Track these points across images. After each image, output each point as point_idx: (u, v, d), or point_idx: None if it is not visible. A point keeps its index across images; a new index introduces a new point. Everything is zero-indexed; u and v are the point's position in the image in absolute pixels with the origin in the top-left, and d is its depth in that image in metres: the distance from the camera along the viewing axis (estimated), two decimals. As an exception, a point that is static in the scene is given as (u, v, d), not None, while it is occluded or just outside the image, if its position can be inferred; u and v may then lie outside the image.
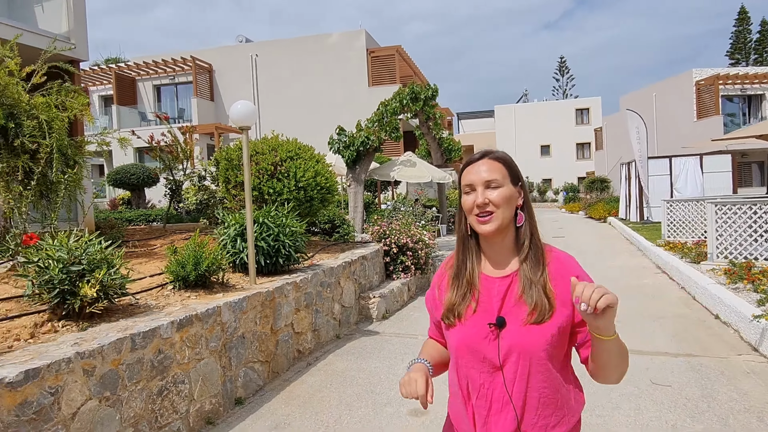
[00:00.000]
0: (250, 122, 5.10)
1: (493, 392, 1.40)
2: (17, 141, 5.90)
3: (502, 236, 1.44)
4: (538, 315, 1.35)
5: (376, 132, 11.23)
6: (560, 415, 1.41)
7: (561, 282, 1.39)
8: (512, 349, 1.37)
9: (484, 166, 1.43)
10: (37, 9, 8.99)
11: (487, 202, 1.40)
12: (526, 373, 1.37)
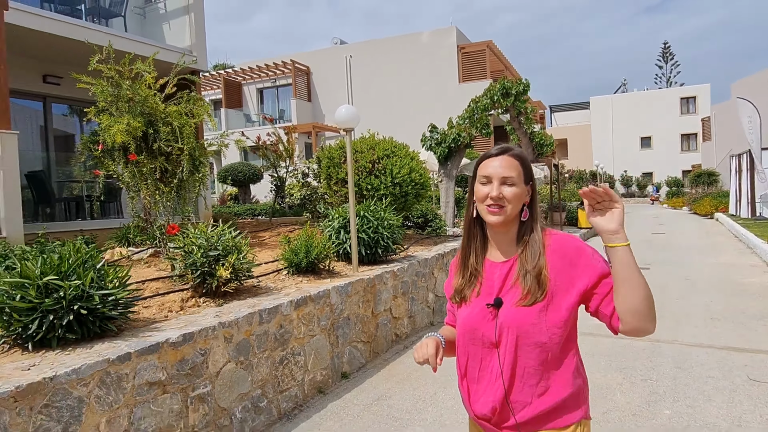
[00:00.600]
0: (353, 124, 5.61)
1: (490, 367, 1.54)
2: (155, 145, 6.82)
3: (507, 228, 1.57)
4: (531, 298, 1.48)
5: (467, 129, 11.47)
6: (546, 386, 1.50)
7: (558, 264, 1.49)
8: (504, 326, 1.50)
9: (504, 162, 1.53)
10: (164, 26, 10.13)
11: (501, 197, 1.51)
12: (514, 347, 1.49)
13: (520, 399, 1.51)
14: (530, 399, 1.50)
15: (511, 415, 1.51)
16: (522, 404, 1.51)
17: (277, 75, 24.12)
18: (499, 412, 1.52)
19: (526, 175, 1.56)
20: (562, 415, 1.51)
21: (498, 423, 1.54)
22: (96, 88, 6.68)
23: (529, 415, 1.50)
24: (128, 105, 6.73)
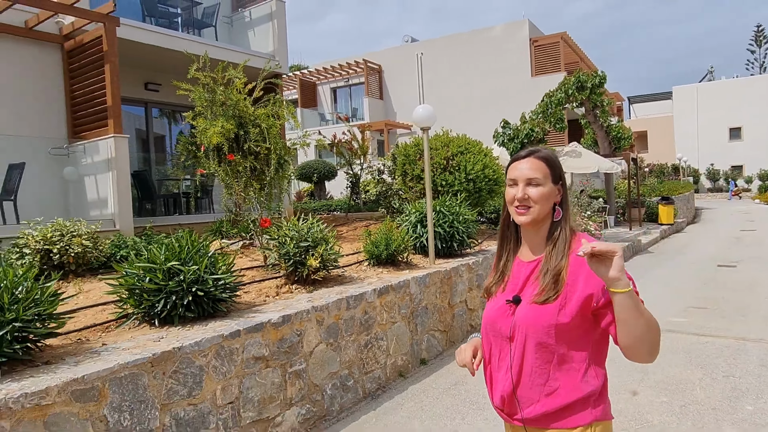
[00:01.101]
0: (430, 123, 5.85)
1: (505, 358, 1.60)
2: (246, 145, 7.36)
3: (537, 227, 1.60)
4: (543, 296, 1.51)
5: (540, 124, 11.43)
6: (554, 386, 1.53)
7: (579, 267, 1.49)
8: (517, 322, 1.56)
9: (528, 164, 1.58)
10: (249, 33, 10.79)
11: (527, 197, 1.55)
12: (523, 344, 1.55)
13: (527, 396, 1.55)
14: (538, 397, 1.54)
15: (518, 410, 1.57)
16: (529, 401, 1.55)
17: (350, 74, 24.75)
18: (508, 404, 1.59)
19: (554, 175, 1.59)
20: (569, 416, 1.52)
21: (509, 414, 1.61)
22: (194, 94, 7.30)
23: (535, 413, 1.54)
24: (222, 109, 7.31)
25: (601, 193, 16.54)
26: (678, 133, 40.45)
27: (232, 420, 3.31)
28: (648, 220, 16.86)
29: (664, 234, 15.48)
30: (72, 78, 7.75)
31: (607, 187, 15.66)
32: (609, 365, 1.69)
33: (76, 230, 5.43)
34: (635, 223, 15.55)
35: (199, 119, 7.52)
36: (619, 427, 3.74)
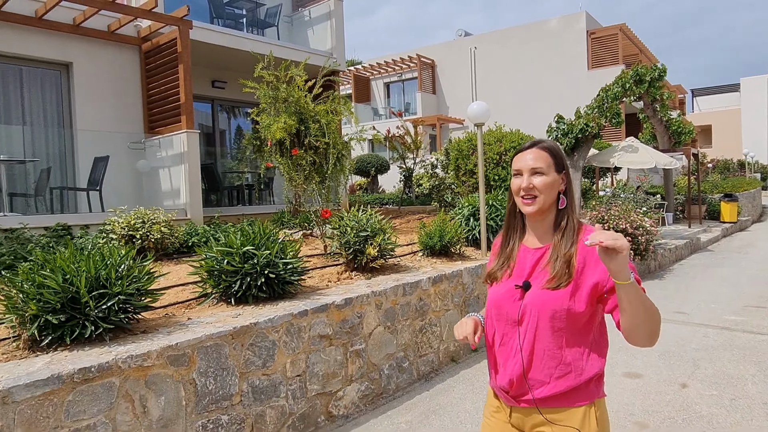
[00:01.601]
0: (485, 119, 6.03)
1: (512, 342, 1.64)
2: (306, 140, 7.74)
3: (543, 216, 1.65)
4: (556, 281, 1.55)
5: (595, 119, 11.29)
6: (565, 370, 1.58)
7: (587, 256, 1.55)
8: (527, 307, 1.60)
9: (532, 155, 1.63)
10: (309, 32, 11.21)
11: (532, 187, 1.60)
12: (535, 328, 1.59)
13: (538, 378, 1.59)
14: (548, 380, 1.59)
15: (528, 391, 1.61)
16: (540, 383, 1.59)
17: (403, 69, 24.97)
18: (516, 386, 1.62)
19: (557, 164, 1.63)
20: (576, 396, 1.59)
21: (516, 396, 1.64)
22: (259, 92, 7.74)
23: (545, 394, 1.59)
24: (284, 105, 7.71)
25: (659, 190, 16.12)
26: (745, 127, 38.50)
27: (300, 391, 3.65)
28: (709, 217, 16.31)
29: (726, 232, 14.95)
30: (148, 77, 8.35)
31: (666, 183, 15.26)
32: (660, 358, 1.82)
33: (155, 218, 5.94)
34: (695, 220, 15.10)
35: (262, 115, 7.97)
36: (667, 416, 3.85)
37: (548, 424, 1.61)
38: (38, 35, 7.42)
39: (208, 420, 3.11)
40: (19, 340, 2.99)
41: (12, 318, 2.93)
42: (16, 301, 2.92)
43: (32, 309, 2.82)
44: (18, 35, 7.25)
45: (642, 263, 8.98)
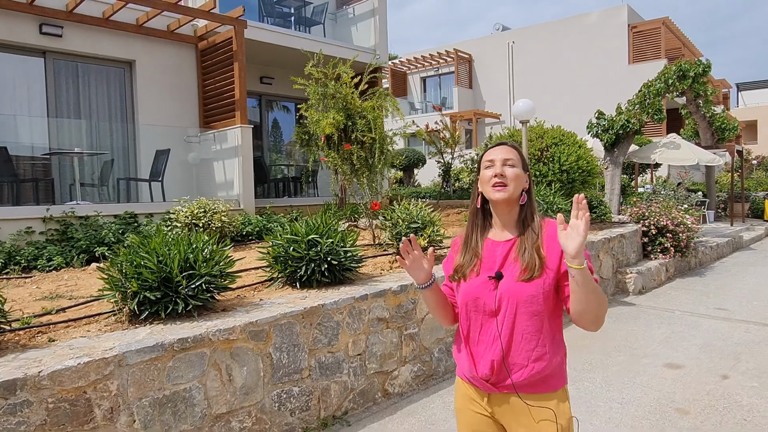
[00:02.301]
0: (529, 116, 6.22)
1: (489, 331, 1.72)
2: (353, 135, 8.05)
3: (509, 208, 1.76)
4: (529, 272, 1.66)
5: (637, 115, 11.27)
6: (542, 351, 1.68)
7: (550, 246, 1.68)
8: (503, 296, 1.68)
9: (504, 149, 1.77)
10: (352, 29, 11.50)
11: (504, 174, 1.71)
12: (513, 314, 1.68)
13: (517, 361, 1.68)
14: (526, 362, 1.67)
15: (508, 376, 1.68)
16: (519, 366, 1.68)
17: (440, 64, 25.08)
18: (497, 371, 1.69)
19: (524, 164, 1.78)
20: (552, 380, 1.70)
21: (496, 382, 1.71)
22: (309, 89, 8.07)
23: (524, 376, 1.67)
24: (333, 102, 8.03)
25: (701, 187, 15.91)
26: (794, 122, 37.22)
27: (360, 369, 3.96)
28: (753, 216, 16.02)
29: (771, 231, 14.69)
30: (203, 74, 8.79)
31: (708, 180, 15.06)
32: (701, 351, 1.95)
33: (216, 208, 6.34)
34: (737, 218, 14.87)
35: (310, 111, 8.31)
36: (708, 404, 4.03)
37: (526, 407, 1.69)
38: (105, 35, 7.92)
39: (282, 390, 3.45)
40: (119, 314, 3.38)
41: (115, 294, 3.31)
42: (118, 280, 3.30)
43: (134, 286, 3.20)
44: (87, 35, 7.75)
45: (683, 260, 9.01)
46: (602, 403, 4.10)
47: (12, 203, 6.79)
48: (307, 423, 3.58)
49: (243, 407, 3.23)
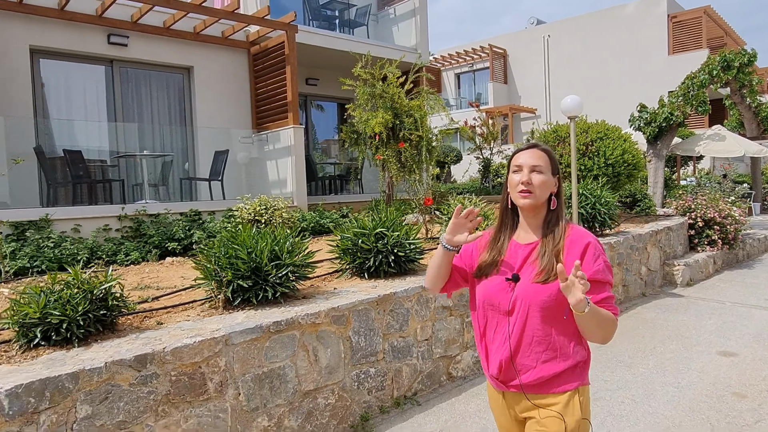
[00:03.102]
0: (578, 112, 6.37)
1: (503, 330, 1.75)
2: (401, 133, 8.32)
3: (536, 212, 1.78)
4: (545, 275, 1.68)
5: (680, 107, 11.21)
6: (552, 355, 1.71)
7: (571, 251, 1.71)
8: (518, 297, 1.71)
9: (532, 154, 1.76)
10: (393, 29, 11.76)
11: (530, 182, 1.72)
12: (525, 317, 1.70)
13: (525, 363, 1.71)
14: (535, 364, 1.71)
15: (516, 376, 1.73)
16: (527, 367, 1.72)
17: (474, 60, 25.14)
18: (505, 370, 1.74)
19: (554, 167, 1.78)
20: (561, 382, 1.72)
21: (505, 381, 1.76)
22: (358, 90, 8.38)
23: (532, 378, 1.71)
24: (381, 101, 8.31)
25: (746, 179, 15.64)
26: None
27: (427, 353, 4.23)
28: (801, 207, 15.65)
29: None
30: (256, 78, 9.19)
31: (753, 172, 14.80)
32: (754, 340, 2.07)
33: (276, 205, 6.70)
34: (785, 210, 14.57)
35: (358, 110, 8.62)
36: (764, 388, 4.16)
37: (535, 408, 1.74)
38: (165, 43, 8.38)
39: (360, 371, 3.75)
40: (212, 301, 3.74)
41: (211, 283, 3.66)
42: (212, 270, 3.65)
43: (228, 275, 3.54)
44: (149, 44, 8.22)
45: (730, 252, 8.99)
46: (659, 387, 4.28)
47: (87, 203, 7.29)
48: (382, 401, 3.88)
49: (327, 385, 3.54)
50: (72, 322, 2.86)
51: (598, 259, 1.70)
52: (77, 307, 2.87)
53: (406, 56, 10.36)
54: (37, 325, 2.84)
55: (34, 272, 5.40)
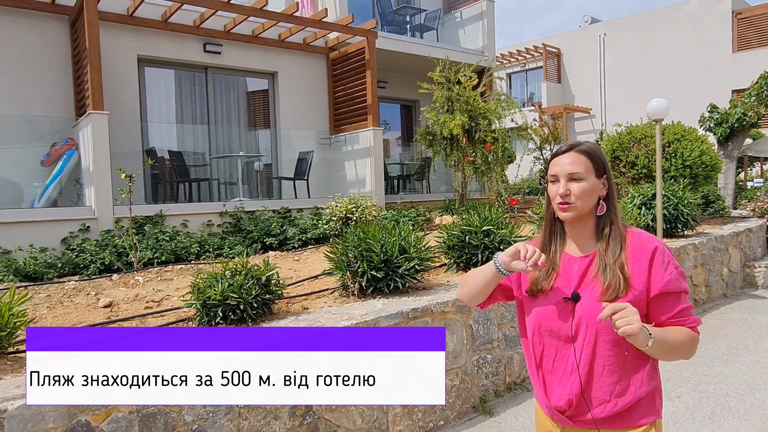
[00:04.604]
0: (664, 115, 6.49)
1: (565, 359, 1.54)
2: (477, 135, 8.59)
3: (583, 222, 1.57)
4: (612, 292, 1.46)
5: (754, 107, 11.06)
6: (625, 385, 1.51)
7: (636, 261, 1.50)
8: (582, 321, 1.50)
9: (569, 159, 1.54)
10: (459, 32, 12.02)
11: (568, 193, 1.51)
12: (593, 344, 1.49)
13: (598, 396, 1.51)
14: (608, 397, 1.51)
15: (588, 410, 1.52)
16: (600, 401, 1.52)
17: (527, 59, 25.05)
18: (575, 405, 1.54)
19: (598, 168, 1.55)
20: (637, 415, 1.53)
21: (573, 416, 1.56)
22: (436, 93, 8.70)
23: (606, 413, 1.52)
24: (458, 104, 8.60)
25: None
26: None
27: (534, 343, 4.50)
28: None
29: None
30: (334, 82, 9.61)
31: (827, 173, 14.36)
32: None
33: (365, 204, 7.08)
34: None
35: (432, 113, 8.93)
36: None
37: None
38: (253, 50, 8.89)
39: (479, 357, 4.06)
40: (345, 289, 4.11)
41: (345, 273, 4.04)
42: (346, 261, 4.02)
43: (363, 267, 3.90)
44: (239, 51, 8.74)
45: (810, 255, 8.88)
46: (761, 382, 4.42)
47: (187, 201, 7.85)
48: (497, 386, 4.18)
49: (453, 368, 3.86)
50: (246, 305, 3.27)
51: (668, 267, 1.50)
52: (251, 291, 3.28)
53: (471, 57, 10.62)
54: (218, 306, 3.26)
55: (155, 263, 5.93)
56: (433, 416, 3.69)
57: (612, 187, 1.59)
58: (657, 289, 1.48)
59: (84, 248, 5.82)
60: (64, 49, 7.24)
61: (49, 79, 7.13)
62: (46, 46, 7.12)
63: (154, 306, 4.11)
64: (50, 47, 7.15)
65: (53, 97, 7.16)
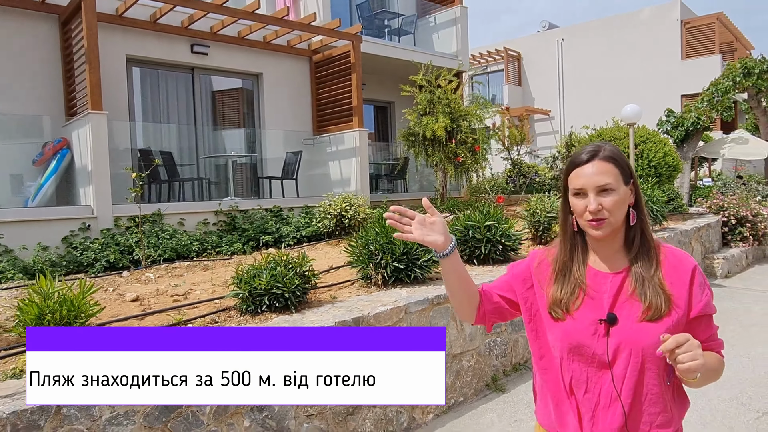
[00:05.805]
0: (636, 119, 7.06)
1: (600, 388, 1.39)
2: (458, 136, 8.99)
3: (613, 236, 1.41)
4: (654, 312, 1.34)
5: (706, 112, 11.94)
6: (668, 416, 1.39)
7: (675, 280, 1.38)
8: (623, 346, 1.35)
9: (595, 169, 1.37)
10: (433, 36, 12.42)
11: (600, 208, 1.35)
12: (637, 371, 1.35)
13: (642, 429, 1.38)
14: (648, 428, 1.38)
15: None
16: None
17: (488, 62, 25.82)
18: None
19: (625, 174, 1.40)
20: None
21: None
22: (419, 95, 9.04)
23: None
24: (440, 106, 8.99)
25: (761, 179, 16.41)
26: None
27: (534, 328, 4.90)
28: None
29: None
30: (317, 84, 9.82)
31: None
32: None
33: (358, 202, 7.35)
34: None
35: (413, 114, 9.28)
36: (823, 359, 4.84)
37: None
38: (239, 51, 9.01)
39: (491, 340, 4.41)
40: (362, 281, 4.39)
41: (368, 265, 4.31)
42: (367, 254, 4.30)
43: (386, 259, 4.19)
44: (225, 52, 8.85)
45: (759, 248, 9.71)
46: (733, 358, 4.95)
47: (178, 200, 7.91)
48: (505, 366, 4.54)
49: (469, 350, 4.20)
50: (290, 293, 3.51)
51: (705, 289, 1.40)
52: (293, 281, 3.52)
53: (448, 62, 11.02)
54: (264, 295, 3.48)
55: (160, 260, 6.02)
56: (454, 393, 4.02)
57: (639, 192, 1.44)
58: (696, 311, 1.37)
59: (87, 246, 5.86)
60: (54, 48, 7.19)
61: (38, 78, 7.08)
62: (36, 46, 7.07)
63: (181, 299, 4.27)
64: (40, 47, 7.10)
65: (43, 97, 7.11)
